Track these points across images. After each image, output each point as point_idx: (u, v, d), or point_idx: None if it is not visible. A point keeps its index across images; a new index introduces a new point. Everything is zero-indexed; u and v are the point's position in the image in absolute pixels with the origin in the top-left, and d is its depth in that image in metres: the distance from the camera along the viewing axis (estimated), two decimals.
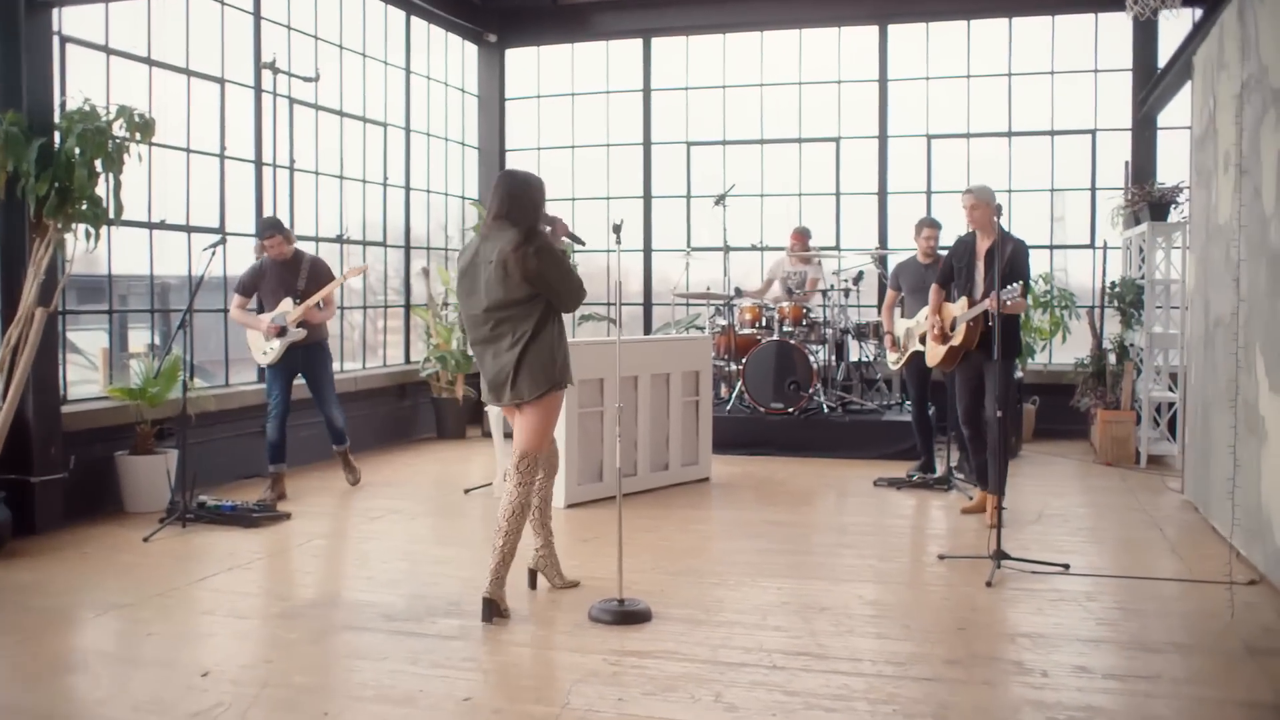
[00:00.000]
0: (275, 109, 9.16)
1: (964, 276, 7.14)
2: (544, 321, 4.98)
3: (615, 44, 12.58)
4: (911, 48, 11.72)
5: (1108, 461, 9.47)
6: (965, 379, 7.25)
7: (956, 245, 7.29)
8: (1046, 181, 11.38)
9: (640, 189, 12.54)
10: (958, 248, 7.26)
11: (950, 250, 7.39)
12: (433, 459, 9.95)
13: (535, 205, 5.11)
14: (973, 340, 6.96)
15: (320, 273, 8.03)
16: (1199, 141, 7.61)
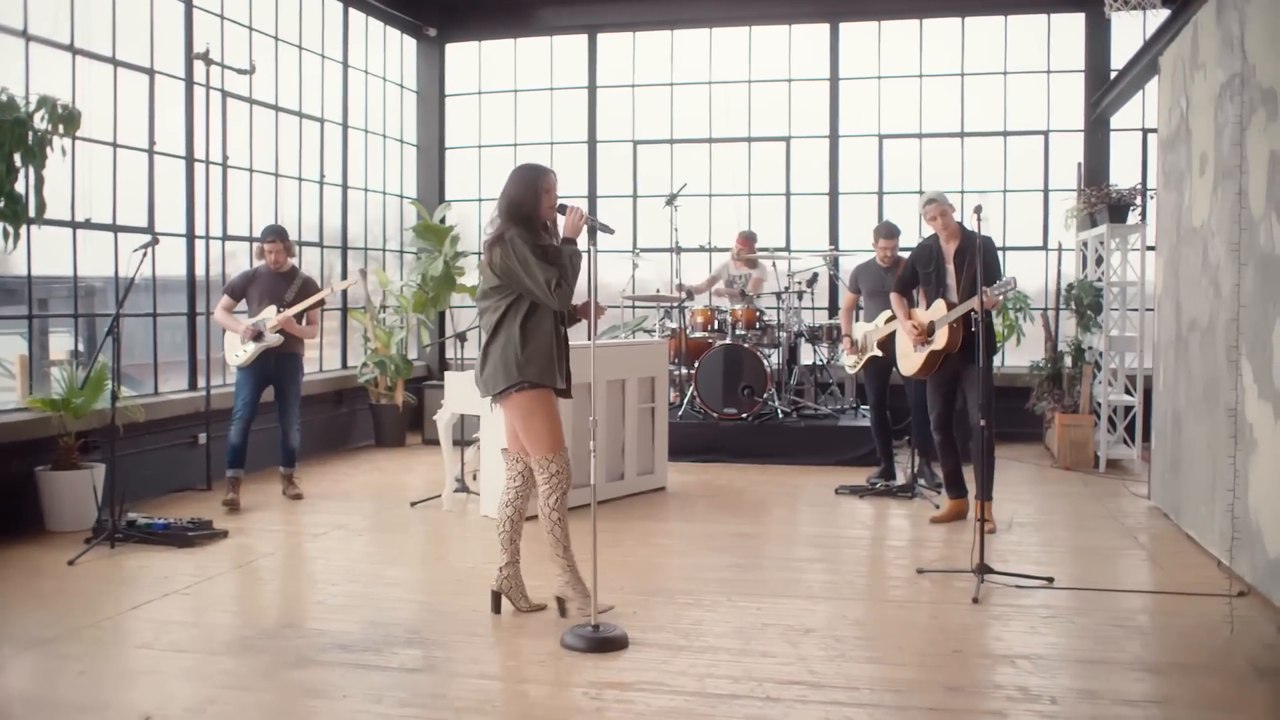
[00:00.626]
0: (208, 102, 8.68)
1: (933, 281, 6.97)
2: (509, 316, 4.87)
3: (559, 39, 12.22)
4: (863, 46, 11.51)
5: (1067, 466, 9.33)
6: (940, 383, 7.05)
7: (919, 251, 7.11)
8: (999, 182, 11.23)
9: (585, 188, 12.19)
10: (921, 253, 7.07)
11: (912, 255, 7.22)
12: (373, 468, 9.52)
13: (519, 197, 4.91)
14: (955, 343, 6.77)
15: (311, 290, 7.91)
16: (1168, 143, 7.46)
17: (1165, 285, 7.49)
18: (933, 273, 6.96)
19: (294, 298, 7.76)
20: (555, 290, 4.77)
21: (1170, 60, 7.43)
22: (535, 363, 4.86)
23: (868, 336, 8.71)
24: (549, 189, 4.88)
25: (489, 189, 12.42)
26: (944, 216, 6.91)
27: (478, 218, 12.44)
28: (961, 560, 6.17)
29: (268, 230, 7.86)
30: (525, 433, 4.94)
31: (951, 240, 6.92)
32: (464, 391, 7.47)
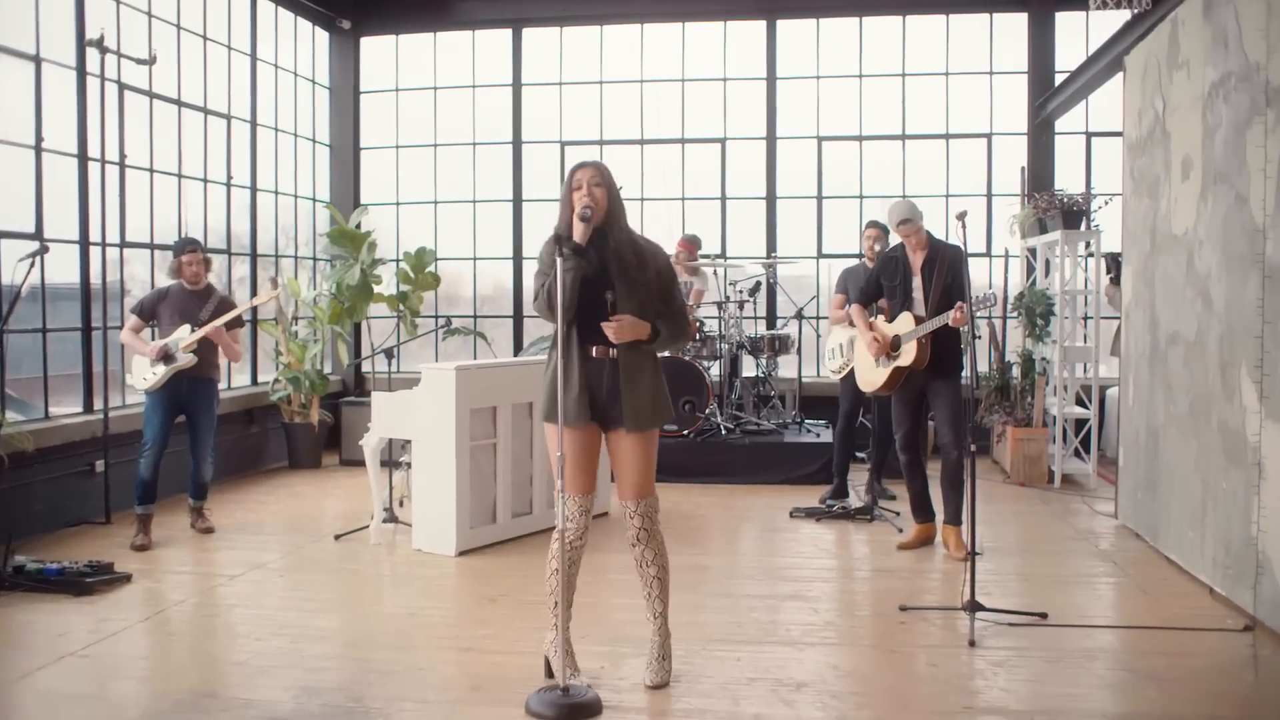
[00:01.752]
0: (103, 95, 7.89)
1: (899, 294, 6.57)
2: (553, 340, 4.33)
3: (482, 34, 11.59)
4: (801, 44, 11.09)
5: (1021, 481, 8.98)
6: (905, 401, 6.62)
7: (884, 263, 6.71)
8: (940, 187, 10.88)
9: (509, 191, 11.59)
10: (886, 265, 6.67)
11: (876, 267, 6.82)
12: (288, 494, 8.81)
13: (563, 201, 4.34)
14: (924, 359, 6.34)
15: (228, 308, 7.23)
16: (1137, 147, 7.11)
17: (1136, 295, 7.14)
18: (898, 285, 6.56)
19: (209, 316, 7.06)
20: (535, 304, 4.31)
21: (1139, 60, 7.08)
22: (544, 392, 4.36)
23: (853, 343, 8.24)
24: (577, 185, 4.24)
25: (407, 191, 11.75)
26: (915, 234, 6.52)
27: (395, 223, 11.76)
28: (941, 592, 5.77)
29: (185, 241, 7.15)
30: (565, 463, 4.30)
31: (919, 251, 6.52)
32: (393, 413, 6.84)
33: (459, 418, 6.57)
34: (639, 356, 4.25)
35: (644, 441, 4.27)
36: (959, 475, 6.36)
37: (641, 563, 4.35)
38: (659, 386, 4.32)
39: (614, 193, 4.27)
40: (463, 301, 11.92)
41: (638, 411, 4.22)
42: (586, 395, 4.23)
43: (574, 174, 4.25)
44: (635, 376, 4.22)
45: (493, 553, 6.66)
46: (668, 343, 4.32)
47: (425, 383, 6.68)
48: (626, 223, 4.34)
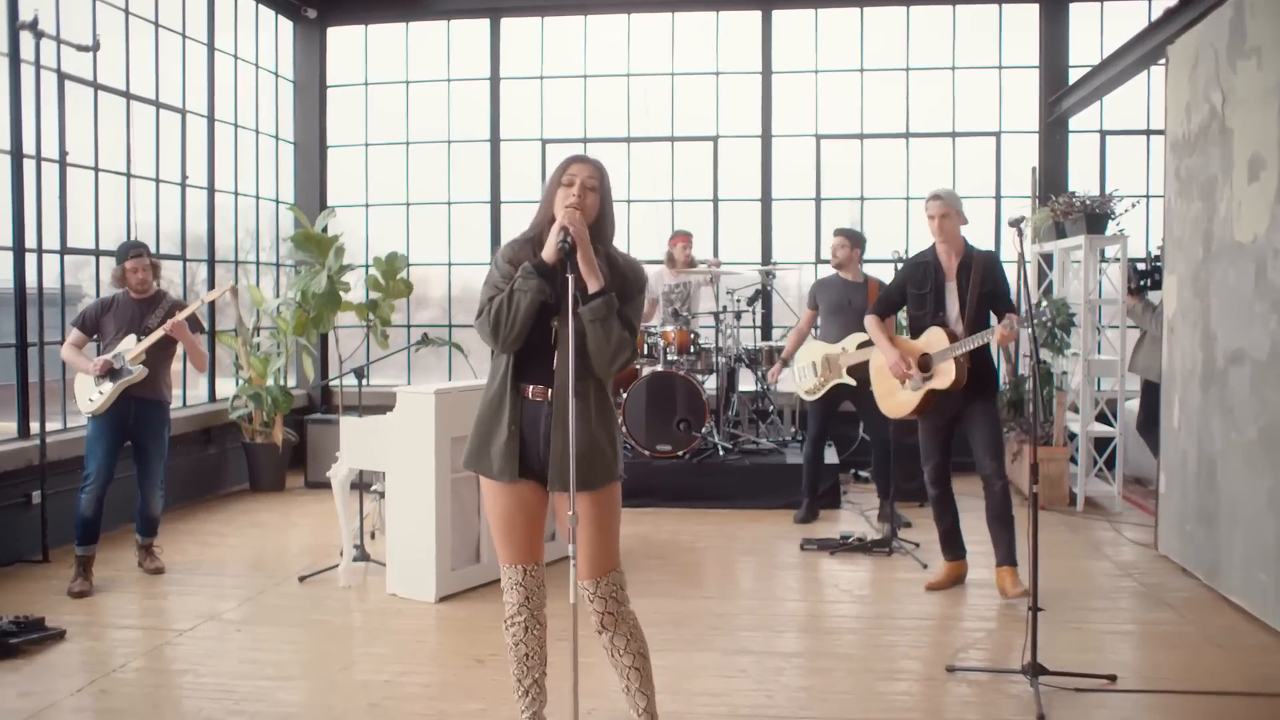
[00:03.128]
0: (39, 84, 7.07)
1: (929, 304, 5.82)
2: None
3: (458, 24, 10.84)
4: (798, 36, 10.41)
5: (1042, 505, 8.32)
6: (935, 428, 5.95)
7: (912, 267, 5.96)
8: (948, 187, 10.19)
9: (487, 192, 10.85)
10: (914, 270, 5.92)
11: (902, 273, 6.06)
12: (249, 522, 8.04)
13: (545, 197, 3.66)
14: (963, 380, 5.65)
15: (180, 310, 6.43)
16: (1185, 144, 6.47)
17: (1184, 307, 6.50)
18: (929, 294, 5.82)
19: (159, 321, 6.30)
20: (477, 321, 3.52)
21: (1188, 49, 6.44)
22: (472, 437, 3.62)
23: (832, 360, 7.62)
24: (568, 181, 3.49)
25: (378, 193, 10.99)
26: (945, 220, 5.76)
27: (364, 226, 11.00)
28: (990, 648, 5.12)
29: (128, 246, 6.38)
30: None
31: (954, 255, 5.81)
32: (364, 441, 6.11)
33: (438, 447, 5.85)
34: (587, 399, 3.47)
35: (604, 504, 3.51)
36: (1007, 509, 5.73)
37: (612, 652, 3.58)
38: (611, 433, 3.55)
39: (608, 203, 3.55)
40: (432, 303, 11.16)
41: (589, 467, 3.43)
42: (516, 444, 3.49)
43: (567, 167, 3.52)
44: (588, 425, 3.45)
45: (478, 598, 5.94)
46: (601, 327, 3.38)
47: (401, 408, 5.95)
48: (611, 241, 3.60)
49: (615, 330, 3.40)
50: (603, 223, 3.52)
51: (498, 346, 3.47)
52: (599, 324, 3.38)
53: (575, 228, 3.33)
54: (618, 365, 3.45)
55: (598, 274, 3.40)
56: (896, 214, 10.19)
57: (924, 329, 5.84)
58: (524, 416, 3.49)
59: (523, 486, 3.52)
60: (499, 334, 3.42)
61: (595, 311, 3.38)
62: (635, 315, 3.55)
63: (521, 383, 3.50)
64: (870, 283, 7.78)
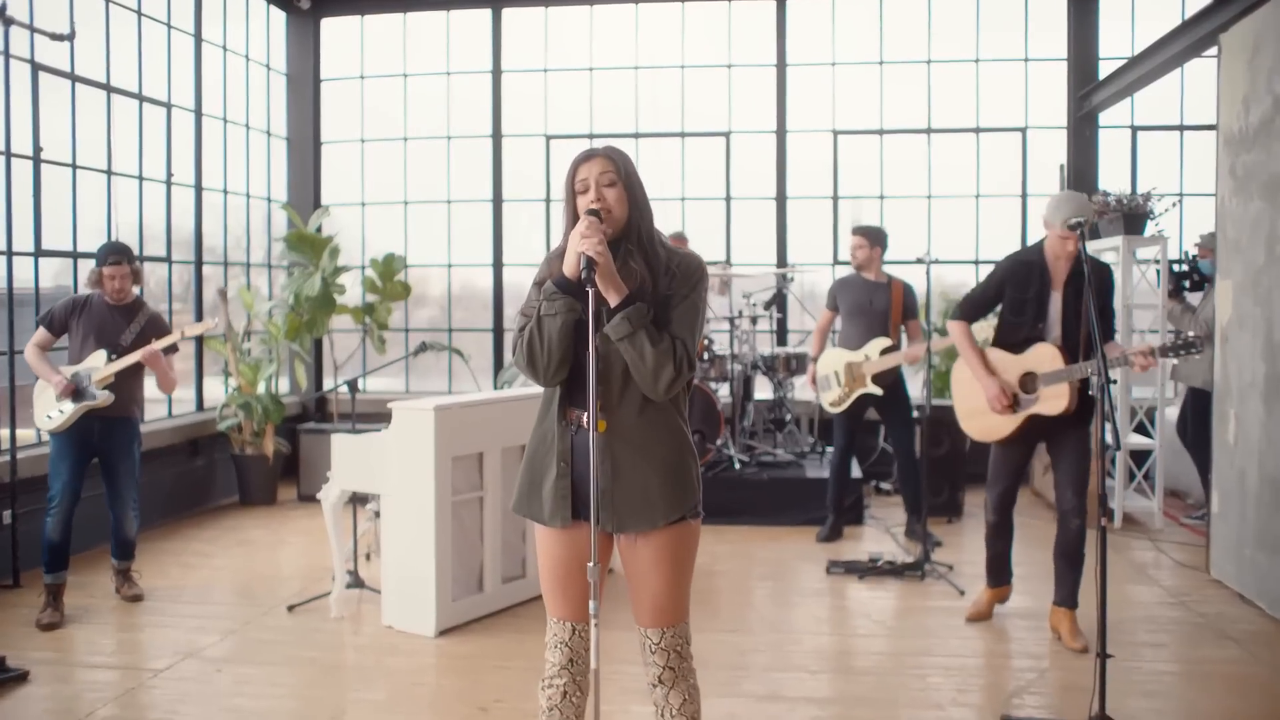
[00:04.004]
0: (7, 75, 6.57)
1: (1030, 311, 5.10)
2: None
3: (458, 14, 10.36)
4: (815, 27, 9.94)
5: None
6: (1015, 453, 5.33)
7: (1016, 267, 5.18)
8: (970, 185, 9.77)
9: (489, 190, 10.37)
10: (1017, 271, 5.16)
11: (1002, 271, 5.25)
12: (237, 540, 7.57)
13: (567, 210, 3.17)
14: (1074, 406, 5.05)
15: (158, 331, 5.96)
16: (1242, 139, 6.01)
17: (1241, 314, 6.03)
18: (1030, 300, 5.10)
19: (134, 339, 5.84)
20: (514, 356, 3.07)
21: (1244, 37, 5.98)
22: (521, 476, 3.19)
23: (855, 369, 7.16)
24: (582, 188, 3.03)
25: (374, 191, 10.52)
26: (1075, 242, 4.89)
27: (360, 226, 10.53)
28: (1046, 691, 4.64)
29: (109, 248, 5.88)
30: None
31: (1064, 261, 5.06)
32: (357, 460, 5.65)
33: (438, 468, 5.38)
34: (647, 424, 3.01)
35: (667, 545, 3.03)
36: (1079, 548, 5.15)
37: (664, 710, 3.08)
38: (680, 459, 3.06)
39: (636, 192, 3.05)
40: (431, 302, 10.69)
41: (641, 503, 2.98)
42: (568, 483, 3.03)
43: (575, 170, 3.04)
44: (639, 454, 2.99)
45: (481, 631, 5.48)
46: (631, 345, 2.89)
47: (397, 424, 5.48)
48: (653, 233, 3.10)
49: (649, 345, 2.90)
50: (635, 217, 3.05)
51: (540, 379, 3.02)
52: (627, 341, 2.91)
53: (593, 252, 2.84)
54: (665, 383, 2.92)
55: (617, 285, 2.93)
56: (918, 213, 9.72)
57: (1018, 339, 5.13)
58: (576, 451, 3.03)
59: (577, 531, 3.04)
60: (537, 365, 2.97)
61: (618, 329, 2.91)
62: (688, 320, 3.02)
63: (572, 409, 3.05)
64: (894, 284, 7.31)
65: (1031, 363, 5.08)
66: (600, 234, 2.88)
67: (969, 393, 5.32)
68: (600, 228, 2.91)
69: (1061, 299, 5.06)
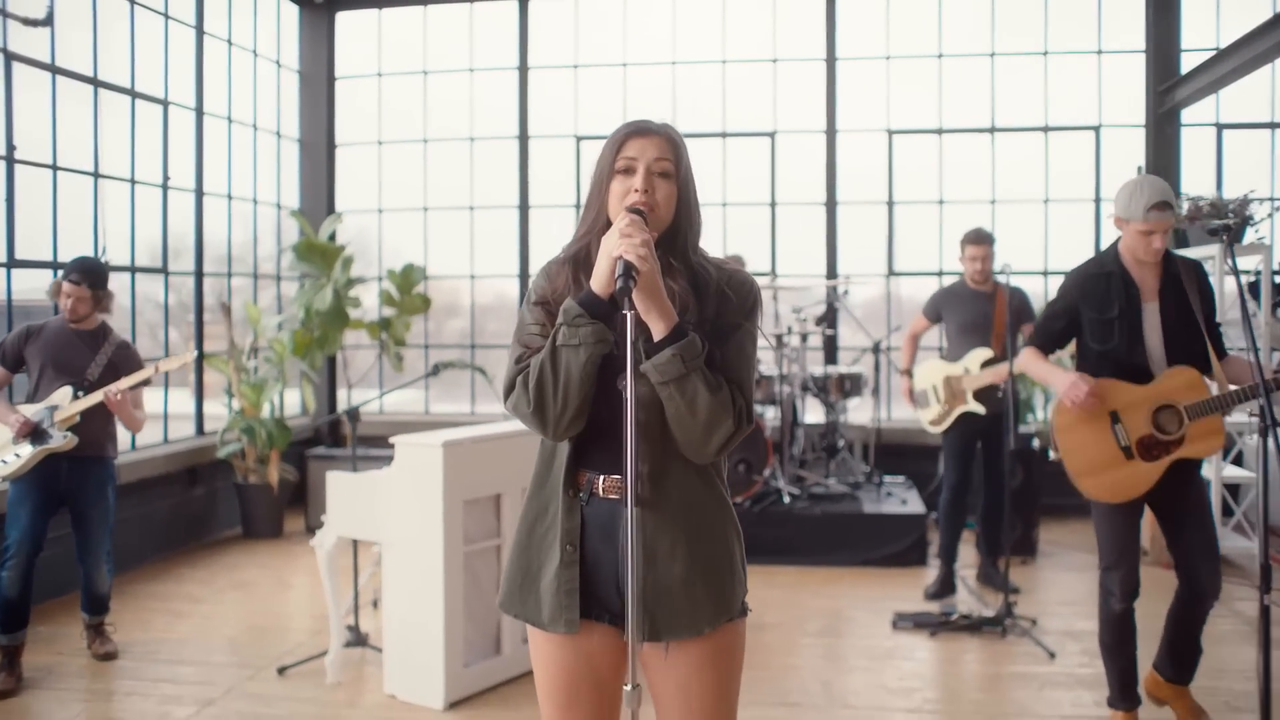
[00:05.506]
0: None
1: (1120, 333, 4.07)
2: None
3: (481, 7, 9.64)
4: (867, 18, 9.15)
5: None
6: (1132, 519, 4.17)
7: (1088, 282, 4.15)
8: (1039, 189, 8.94)
9: (515, 195, 9.64)
10: (1091, 285, 4.13)
11: (1074, 293, 4.20)
12: (234, 582, 6.86)
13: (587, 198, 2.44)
14: (1218, 445, 4.10)
15: (128, 364, 5.22)
16: None
17: None
18: (1118, 319, 4.06)
19: (101, 372, 5.13)
20: (508, 401, 2.32)
21: None
22: (510, 565, 2.43)
23: (954, 384, 6.30)
24: (625, 166, 2.30)
25: (392, 197, 9.80)
26: (1163, 229, 3.95)
27: (377, 234, 9.82)
28: None
29: (76, 264, 5.16)
30: None
31: (1154, 264, 4.08)
32: (355, 503, 4.90)
33: (448, 512, 4.64)
34: (687, 494, 2.27)
35: (711, 656, 2.29)
36: (1201, 623, 4.17)
37: None
38: (726, 545, 2.32)
39: (688, 192, 2.33)
40: (463, 313, 9.94)
41: (683, 601, 2.25)
42: (576, 573, 2.28)
43: (622, 144, 2.31)
44: (679, 535, 2.25)
45: (498, 702, 4.72)
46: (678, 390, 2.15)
47: (400, 462, 4.74)
48: (697, 246, 2.36)
49: (704, 392, 2.16)
50: (682, 223, 2.32)
51: (549, 430, 2.27)
52: (674, 386, 2.16)
53: (642, 262, 2.10)
54: (717, 443, 2.20)
55: (666, 309, 2.17)
56: (980, 219, 8.90)
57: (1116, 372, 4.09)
58: (589, 527, 2.29)
59: (588, 638, 2.30)
60: (546, 415, 2.23)
61: (665, 369, 2.15)
62: (743, 358, 2.30)
63: (583, 471, 2.31)
64: (999, 291, 6.39)
65: (1167, 392, 4.01)
66: (647, 235, 2.13)
67: (1080, 444, 4.15)
68: (648, 230, 2.17)
69: (1160, 313, 4.06)
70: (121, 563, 6.87)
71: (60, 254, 6.66)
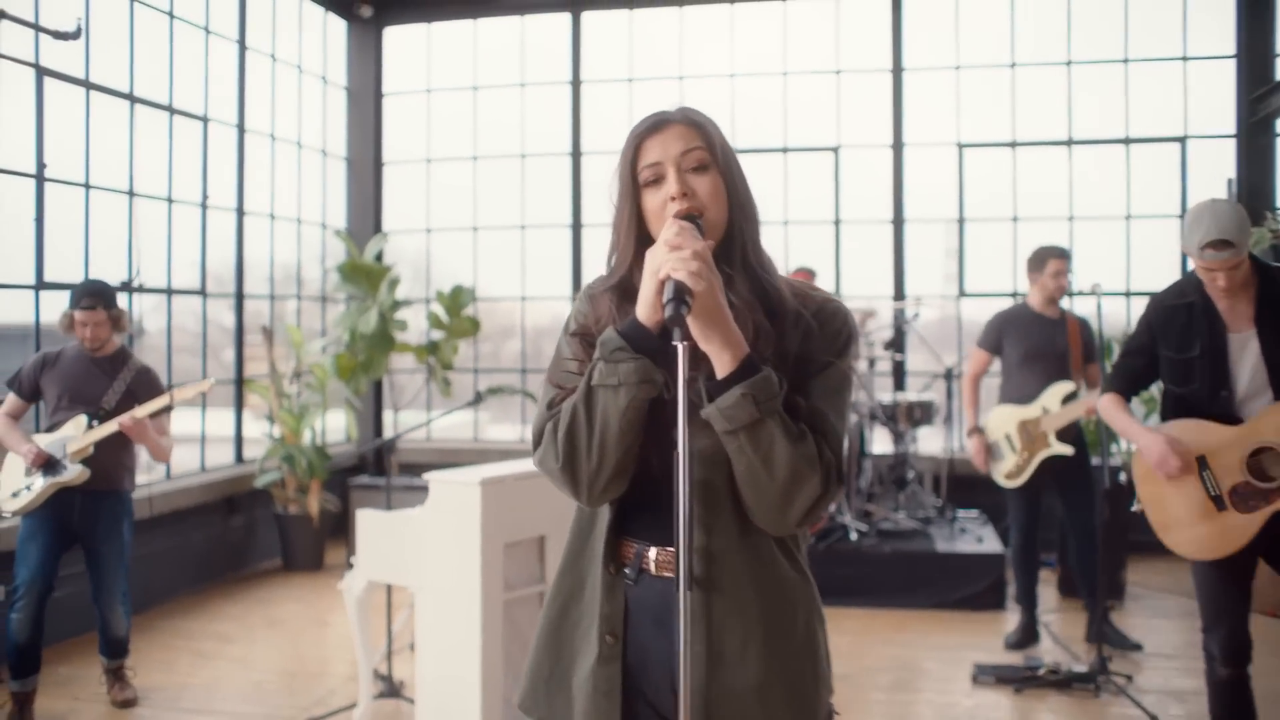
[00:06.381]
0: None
1: (1204, 373, 3.61)
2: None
3: (534, 20, 9.33)
4: (936, 26, 8.70)
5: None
6: (1237, 575, 3.65)
7: (1163, 314, 3.71)
8: (1120, 205, 8.42)
9: (568, 214, 9.29)
10: (1170, 321, 3.69)
11: (1150, 321, 3.78)
12: (269, 618, 6.53)
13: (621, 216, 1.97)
14: None
15: (148, 390, 4.89)
16: None
17: None
18: (1201, 359, 3.60)
19: (119, 400, 4.81)
20: (536, 455, 1.94)
21: None
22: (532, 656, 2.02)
23: (1032, 428, 5.74)
24: (649, 176, 1.87)
25: (440, 216, 9.49)
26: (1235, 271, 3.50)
27: (426, 255, 9.51)
28: None
29: (82, 289, 4.86)
30: None
31: (1241, 290, 3.57)
32: (386, 544, 4.54)
33: (486, 556, 4.24)
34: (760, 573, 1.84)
35: None
36: None
37: None
38: (810, 639, 1.90)
39: (736, 181, 1.88)
40: (517, 333, 9.58)
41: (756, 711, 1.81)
42: (617, 671, 1.86)
43: (637, 149, 1.89)
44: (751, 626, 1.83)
45: None
46: (749, 440, 1.72)
47: (435, 502, 4.36)
48: (761, 251, 1.91)
49: (784, 443, 1.72)
50: (737, 220, 1.87)
51: (581, 493, 1.86)
52: (744, 435, 1.73)
53: (697, 280, 1.67)
54: (800, 508, 1.76)
55: (732, 336, 1.74)
56: (1056, 237, 8.37)
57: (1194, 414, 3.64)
58: (635, 612, 1.88)
59: None
60: (579, 470, 1.82)
61: (733, 413, 1.72)
62: (835, 403, 1.83)
63: (628, 541, 1.91)
64: (1070, 321, 5.80)
65: (1265, 432, 3.49)
66: (702, 246, 1.71)
67: (1164, 494, 3.69)
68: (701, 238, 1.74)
69: (1259, 340, 3.53)
70: (153, 597, 6.62)
71: (91, 275, 6.38)
